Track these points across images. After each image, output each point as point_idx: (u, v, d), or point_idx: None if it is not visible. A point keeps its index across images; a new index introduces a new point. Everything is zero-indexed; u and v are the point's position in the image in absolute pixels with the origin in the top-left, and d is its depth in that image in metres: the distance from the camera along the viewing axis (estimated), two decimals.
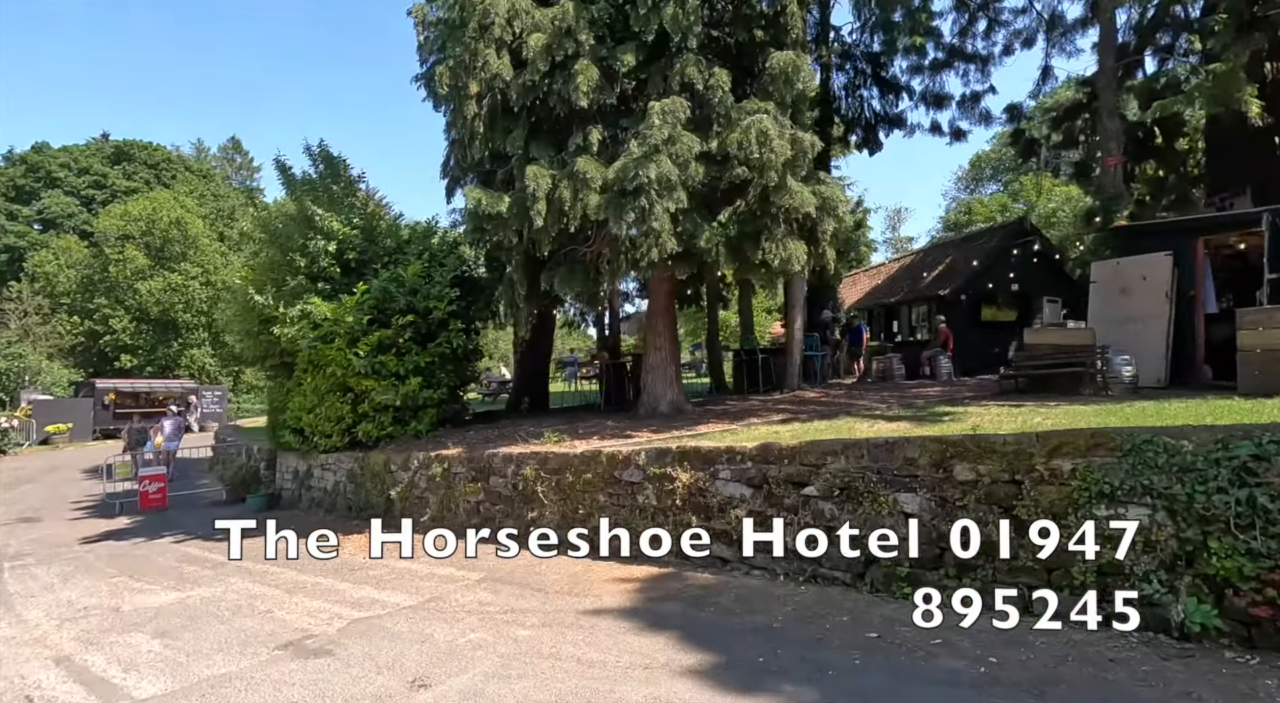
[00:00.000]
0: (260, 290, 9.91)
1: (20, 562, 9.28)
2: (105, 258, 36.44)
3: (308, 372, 11.10)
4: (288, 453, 12.84)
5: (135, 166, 46.77)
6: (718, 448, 5.29)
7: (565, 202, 7.87)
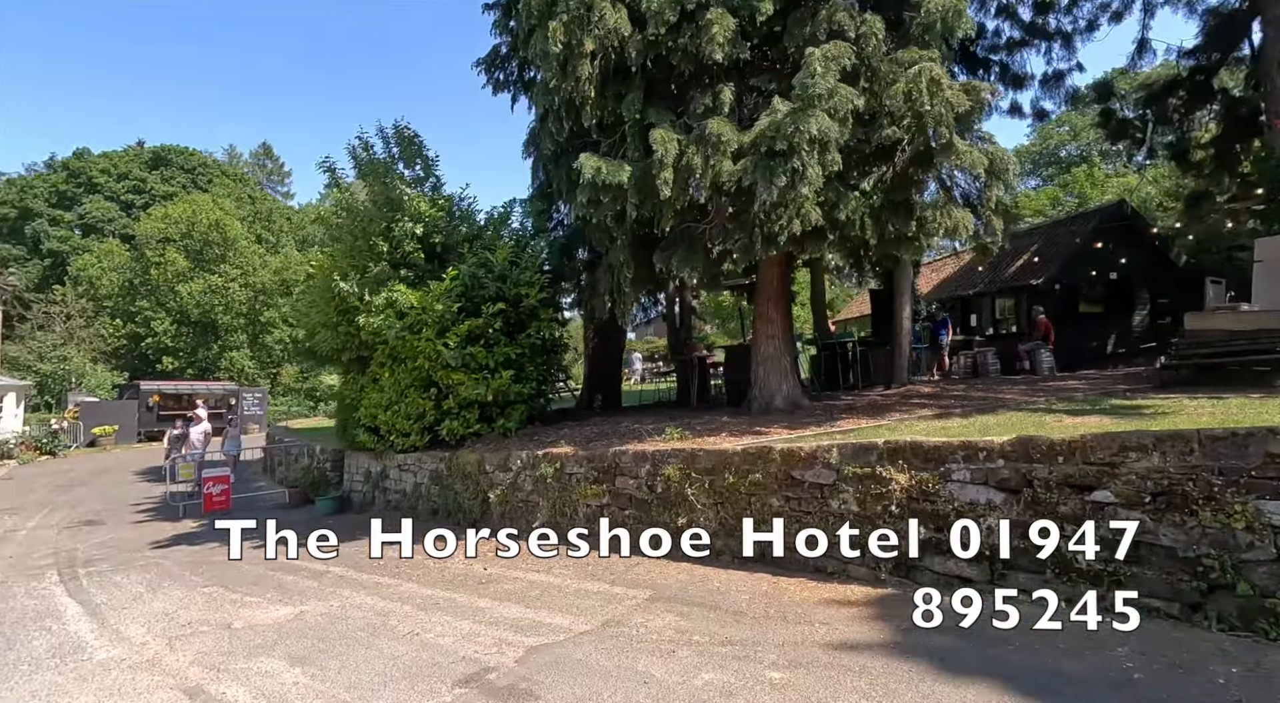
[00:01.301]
0: (344, 278, 9.20)
1: (95, 568, 8.65)
2: (146, 261, 36.51)
3: (385, 366, 10.38)
4: (359, 453, 12.15)
5: (172, 171, 47.09)
6: (947, 444, 4.38)
7: (695, 169, 7.02)
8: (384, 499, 11.31)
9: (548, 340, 10.04)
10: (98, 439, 26.64)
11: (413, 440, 10.45)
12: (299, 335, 41.79)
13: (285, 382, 40.46)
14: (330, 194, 10.53)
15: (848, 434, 6.37)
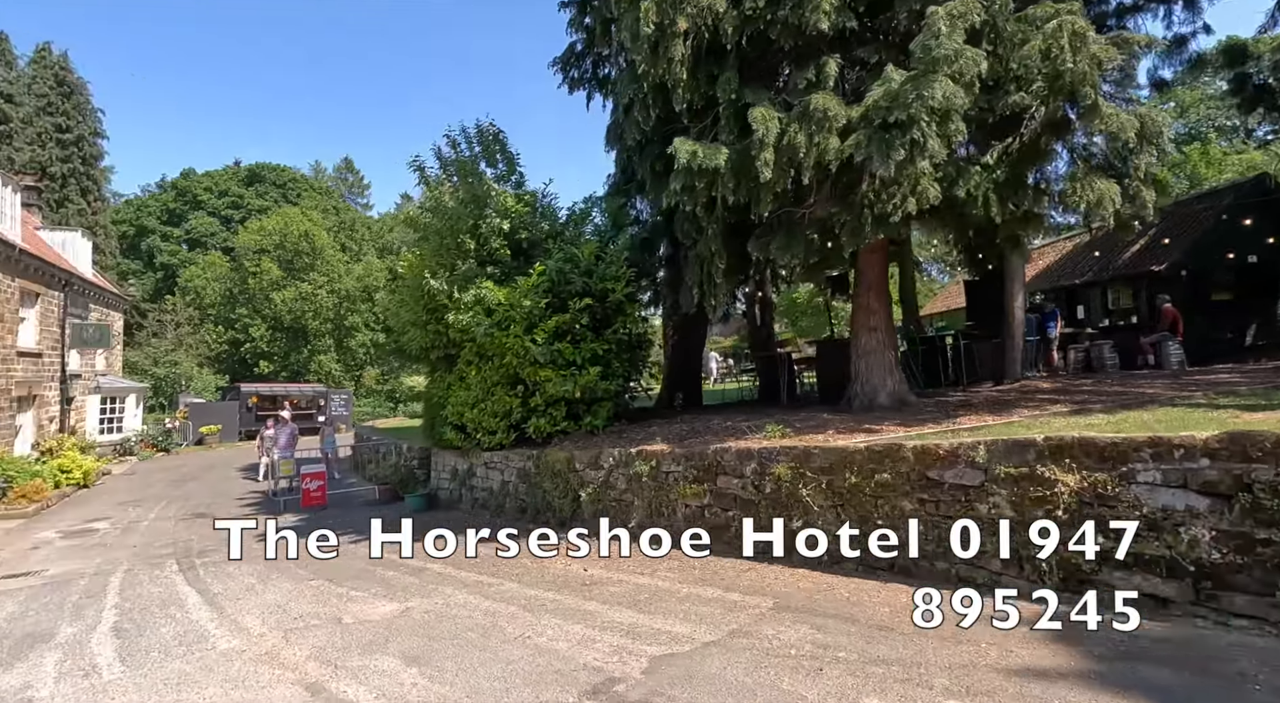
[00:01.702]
0: (433, 276, 9.27)
1: (209, 559, 9.03)
2: (244, 271, 39.02)
3: (472, 364, 10.41)
4: (445, 451, 12.30)
5: (266, 187, 50.23)
6: (1129, 440, 3.77)
7: (798, 148, 6.57)
8: (471, 497, 11.38)
9: (634, 336, 9.79)
10: (204, 438, 28.58)
11: (499, 438, 10.44)
12: (380, 339, 43.77)
13: (367, 384, 42.32)
14: (419, 195, 10.67)
15: (976, 432, 5.77)
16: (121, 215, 44.83)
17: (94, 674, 4.61)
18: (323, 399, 33.38)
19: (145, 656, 4.93)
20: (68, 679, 4.55)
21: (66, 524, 12.68)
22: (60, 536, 11.79)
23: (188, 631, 5.54)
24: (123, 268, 40.02)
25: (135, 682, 4.39)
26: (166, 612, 6.26)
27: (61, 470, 16.19)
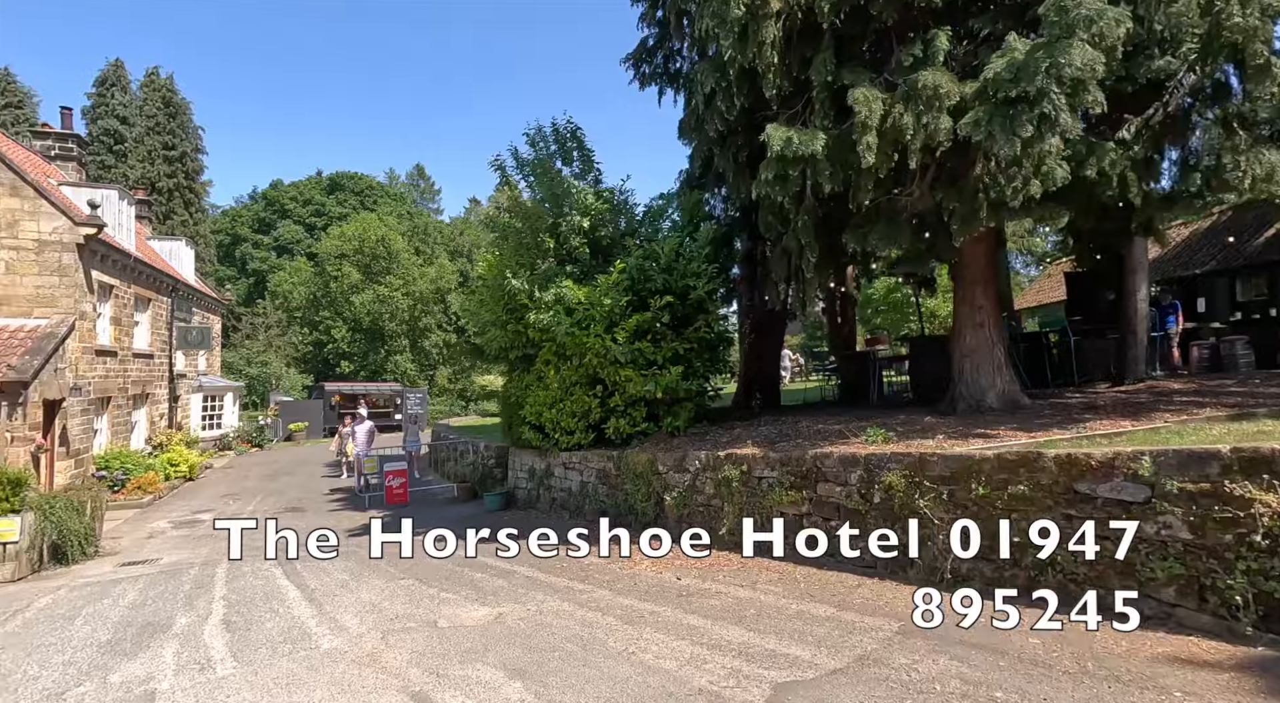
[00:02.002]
0: (514, 275, 9.25)
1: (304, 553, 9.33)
2: (326, 275, 41.06)
3: (551, 364, 10.35)
4: (523, 451, 12.33)
5: (345, 195, 52.73)
6: None
7: (905, 130, 6.08)
8: (549, 497, 11.35)
9: (716, 335, 9.46)
10: (293, 434, 30.18)
11: (577, 439, 10.34)
12: (451, 340, 45.18)
13: (440, 383, 43.71)
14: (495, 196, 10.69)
15: (1117, 439, 5.14)
16: (218, 225, 48.08)
17: (209, 669, 4.71)
18: (399, 398, 34.66)
19: (254, 652, 5.02)
20: (185, 673, 4.67)
21: (176, 515, 13.52)
22: (171, 525, 12.57)
23: (291, 627, 5.63)
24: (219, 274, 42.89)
25: (248, 679, 4.44)
26: (269, 606, 6.43)
27: (170, 464, 17.36)
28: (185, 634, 5.62)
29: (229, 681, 4.44)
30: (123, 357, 17.29)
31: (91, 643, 5.51)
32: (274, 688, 4.24)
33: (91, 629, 5.98)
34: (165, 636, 5.63)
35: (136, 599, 7.08)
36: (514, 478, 12.97)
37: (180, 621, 6.09)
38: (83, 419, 14.89)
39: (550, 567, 7.05)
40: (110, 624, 6.10)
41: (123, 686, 4.49)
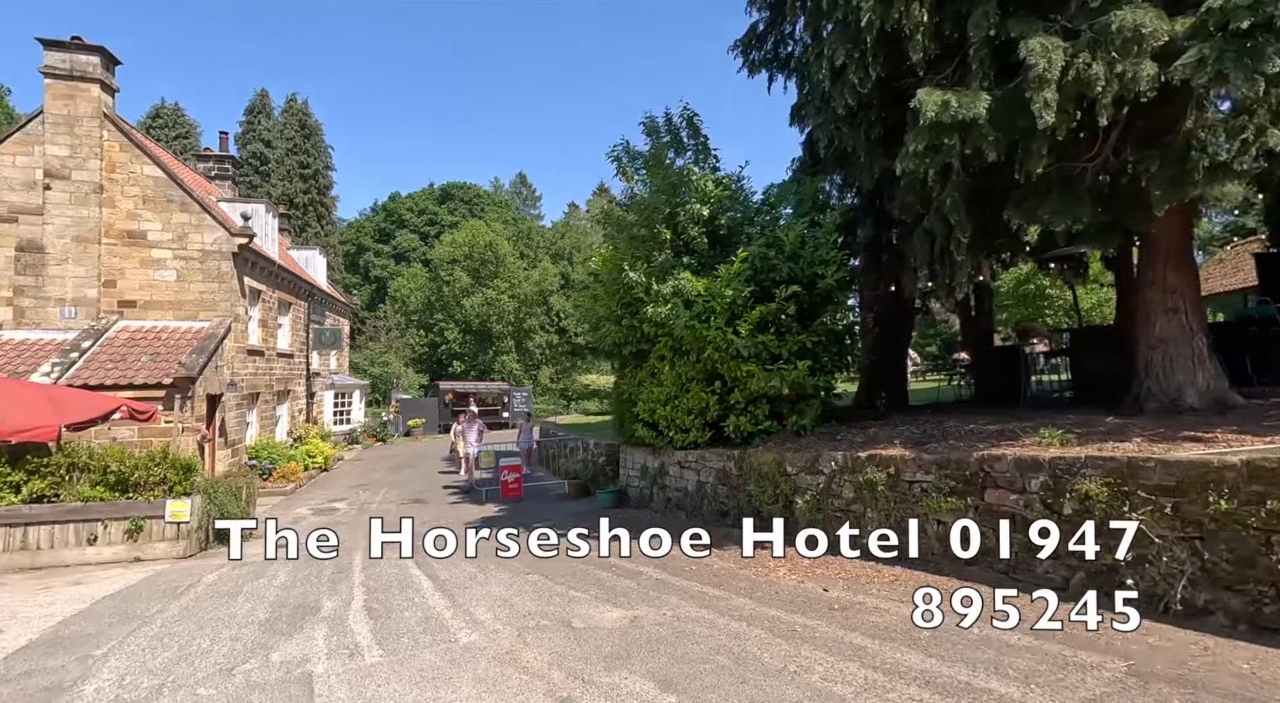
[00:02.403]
0: (631, 268, 9.05)
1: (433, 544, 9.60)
2: (439, 280, 43.44)
3: (666, 360, 10.07)
4: (635, 449, 12.16)
5: (455, 204, 55.66)
6: None
7: (1094, 81, 5.22)
8: (663, 497, 11.07)
9: (846, 327, 8.79)
10: (412, 430, 32.04)
11: (693, 437, 9.99)
12: (554, 340, 46.44)
13: (543, 382, 45.01)
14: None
15: None
16: (345, 236, 52.26)
17: (358, 655, 4.76)
18: (506, 396, 35.97)
19: (397, 641, 5.05)
20: (337, 657, 4.75)
21: (315, 503, 14.54)
22: (311, 512, 13.51)
23: (428, 617, 5.66)
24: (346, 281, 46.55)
25: (394, 670, 4.43)
26: (405, 595, 6.55)
27: (308, 455, 18.80)
28: (332, 619, 5.79)
29: (378, 669, 4.45)
30: (269, 356, 18.93)
31: (252, 621, 5.80)
32: (420, 681, 4.18)
33: (251, 607, 6.34)
34: (315, 618, 5.84)
35: (287, 581, 7.49)
36: (625, 476, 12.83)
37: (326, 605, 6.32)
38: (237, 413, 16.40)
39: (677, 569, 6.73)
40: (267, 604, 6.44)
41: (283, 665, 4.62)
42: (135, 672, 4.63)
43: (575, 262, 49.56)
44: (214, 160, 21.20)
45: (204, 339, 14.54)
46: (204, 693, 4.19)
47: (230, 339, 15.73)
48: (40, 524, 9.27)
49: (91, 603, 6.81)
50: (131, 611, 6.39)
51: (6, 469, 9.36)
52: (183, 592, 7.16)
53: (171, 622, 5.93)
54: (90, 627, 5.90)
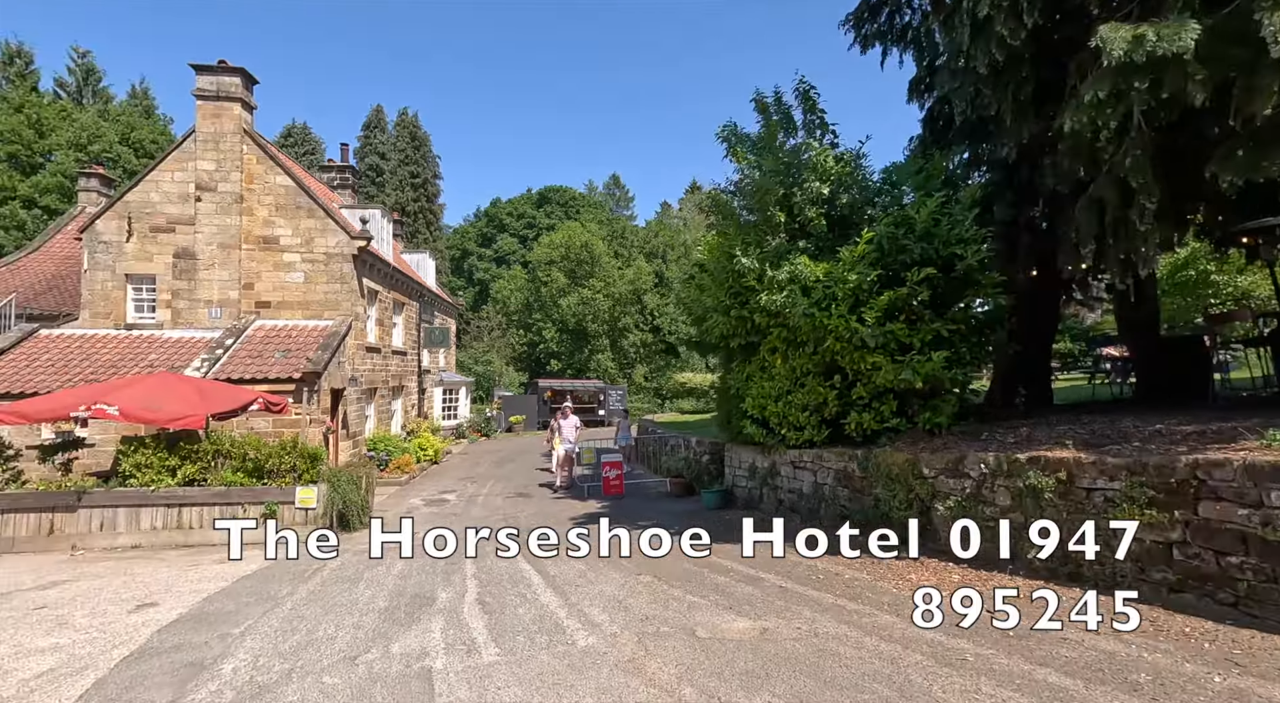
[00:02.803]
0: (744, 253, 8.51)
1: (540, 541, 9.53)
2: (537, 281, 44.64)
3: (778, 352, 9.44)
4: (741, 447, 11.59)
5: (552, 207, 57.11)
6: None
7: None
8: (774, 498, 10.44)
9: (990, 314, 7.80)
10: (513, 426, 33.02)
11: (808, 435, 9.30)
12: (648, 339, 46.45)
13: (637, 380, 45.13)
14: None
15: None
16: (450, 242, 55.01)
17: (475, 652, 4.59)
18: (602, 394, 36.29)
19: (513, 639, 4.84)
20: (454, 653, 4.59)
21: (427, 494, 15.07)
22: (424, 503, 13.99)
23: (542, 616, 5.44)
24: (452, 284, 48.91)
25: (513, 671, 4.20)
26: (517, 590, 6.40)
27: (420, 448, 19.66)
28: (448, 611, 5.71)
29: (496, 670, 4.24)
30: (385, 353, 19.98)
31: (373, 609, 5.83)
32: (540, 686, 3.91)
33: (371, 595, 6.41)
34: (431, 610, 5.78)
35: (403, 570, 7.60)
36: (731, 475, 12.28)
37: (441, 596, 6.28)
38: (357, 406, 17.37)
39: (802, 577, 6.15)
40: (386, 592, 6.50)
41: (403, 658, 4.52)
42: (267, 654, 4.70)
43: (669, 260, 49.34)
44: (336, 171, 22.71)
45: (328, 337, 15.47)
46: (330, 682, 4.13)
47: (351, 337, 16.67)
48: (191, 506, 10.07)
49: (232, 581, 7.19)
50: (266, 591, 6.66)
51: (164, 454, 10.25)
52: (310, 575, 7.42)
53: (300, 605, 6.08)
54: (230, 605, 6.17)
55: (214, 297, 15.92)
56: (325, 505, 10.42)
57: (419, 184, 42.75)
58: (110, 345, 14.72)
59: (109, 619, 5.80)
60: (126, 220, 15.65)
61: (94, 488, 9.96)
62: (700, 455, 13.96)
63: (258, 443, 10.66)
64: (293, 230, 16.42)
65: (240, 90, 15.98)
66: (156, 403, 9.81)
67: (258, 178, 16.26)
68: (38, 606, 6.37)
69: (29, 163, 33.68)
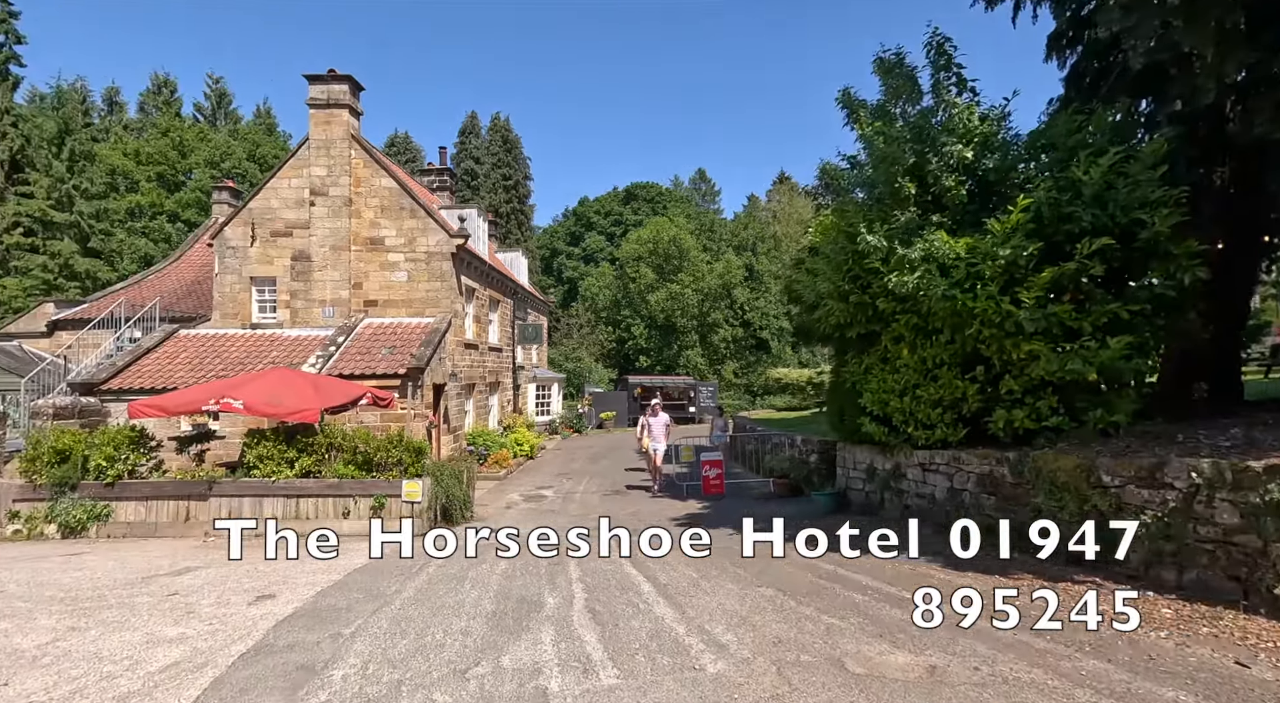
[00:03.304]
0: (869, 230, 7.60)
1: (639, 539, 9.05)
2: (626, 277, 44.60)
3: (904, 341, 8.44)
4: (858, 446, 10.61)
5: (638, 204, 57.00)
6: None
7: None
8: (898, 503, 9.42)
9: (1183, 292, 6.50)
10: (604, 422, 33.05)
11: (940, 434, 8.27)
12: (738, 334, 45.28)
13: (726, 377, 44.10)
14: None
15: None
16: (540, 242, 56.20)
17: (591, 673, 4.11)
18: (693, 391, 35.65)
19: (631, 659, 4.33)
20: (569, 671, 4.14)
21: (524, 489, 15.05)
22: (522, 498, 13.94)
23: (659, 630, 4.91)
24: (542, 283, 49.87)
25: (637, 701, 3.67)
26: (626, 597, 5.91)
27: (516, 443, 19.85)
28: (557, 619, 5.30)
29: (618, 697, 3.73)
30: (482, 349, 20.33)
31: (480, 613, 5.53)
32: None
33: (478, 596, 6.14)
34: (539, 616, 5.40)
35: (507, 569, 7.33)
36: (845, 477, 11.31)
37: (549, 601, 5.90)
38: (457, 401, 17.70)
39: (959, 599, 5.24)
40: (492, 594, 6.21)
41: (515, 675, 4.12)
42: (377, 660, 4.45)
43: (759, 252, 47.87)
44: (434, 174, 23.44)
45: (430, 333, 15.79)
46: (440, 700, 3.78)
47: (450, 333, 16.98)
48: (307, 496, 10.39)
49: (345, 575, 7.19)
50: (375, 587, 6.56)
51: (283, 446, 10.64)
52: (416, 572, 7.30)
53: (408, 604, 5.89)
54: (342, 600, 6.08)
55: (327, 296, 16.67)
56: (429, 499, 10.45)
57: (511, 186, 43.84)
58: (237, 344, 15.74)
59: (231, 610, 5.84)
60: (250, 226, 16.70)
61: (223, 478, 10.49)
62: (808, 455, 13.04)
63: (367, 436, 10.87)
64: (396, 231, 16.93)
65: (348, 97, 16.63)
66: (277, 397, 10.18)
67: (364, 181, 16.88)
68: (170, 592, 6.58)
69: (173, 181, 37.40)
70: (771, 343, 45.46)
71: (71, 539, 10.15)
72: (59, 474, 10.31)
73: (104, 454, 10.45)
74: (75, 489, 10.35)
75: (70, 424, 12.52)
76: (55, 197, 31.90)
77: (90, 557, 8.81)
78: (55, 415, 13.24)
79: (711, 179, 65.29)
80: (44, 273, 30.97)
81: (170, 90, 42.78)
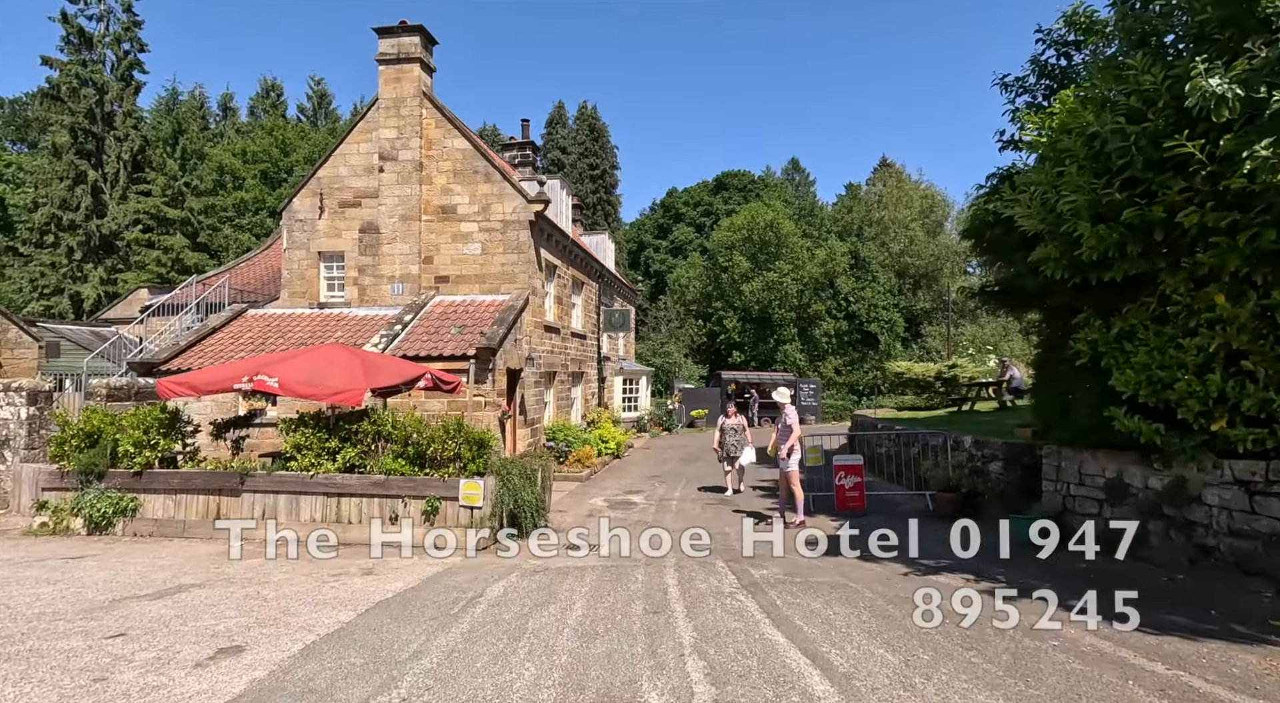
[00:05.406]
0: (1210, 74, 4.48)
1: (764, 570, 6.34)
2: (717, 268, 41.69)
3: (1223, 286, 5.25)
4: (1094, 451, 7.39)
5: (729, 193, 53.89)
6: None
7: None
8: (1184, 540, 6.17)
9: None
10: (694, 420, 30.36)
11: (1259, 434, 5.01)
12: (842, 327, 41.12)
13: (827, 374, 40.15)
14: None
15: None
16: (627, 235, 54.28)
17: None
18: (793, 389, 32.21)
19: None
20: None
21: (609, 493, 12.66)
22: (607, 504, 11.54)
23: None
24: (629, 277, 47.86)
25: None
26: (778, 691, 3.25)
27: (601, 441, 17.55)
28: None
29: None
30: (564, 334, 18.22)
31: None
32: None
33: (535, 673, 3.69)
34: None
35: (584, 613, 4.88)
36: (1059, 494, 8.06)
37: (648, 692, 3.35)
38: (535, 391, 15.62)
39: None
40: (559, 669, 3.74)
41: None
42: None
43: (865, 238, 43.46)
44: (516, 148, 21.68)
45: (504, 311, 13.78)
46: None
47: (528, 313, 14.93)
48: (349, 496, 8.46)
49: (358, 613, 5.01)
50: (389, 642, 4.30)
51: (324, 434, 8.78)
52: (460, 612, 4.99)
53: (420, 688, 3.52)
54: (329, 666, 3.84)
55: (395, 272, 15.08)
56: (493, 504, 8.24)
57: (597, 175, 42.15)
58: (303, 323, 14.41)
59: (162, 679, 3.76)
60: (319, 196, 15.41)
61: (256, 471, 8.75)
62: (985, 462, 9.78)
63: (419, 424, 8.83)
64: (469, 197, 15.09)
65: (419, 50, 14.98)
66: (319, 376, 8.31)
67: (436, 143, 15.16)
68: (115, 633, 4.65)
69: (275, 178, 38.43)
70: (880, 337, 40.98)
71: (96, 536, 8.74)
72: (86, 460, 8.94)
73: (131, 439, 8.99)
74: (103, 478, 8.95)
75: (126, 406, 11.42)
76: (169, 194, 33.28)
77: (87, 563, 7.22)
78: (109, 397, 12.29)
79: (805, 169, 60.97)
80: (158, 267, 32.28)
81: (277, 93, 44.40)
